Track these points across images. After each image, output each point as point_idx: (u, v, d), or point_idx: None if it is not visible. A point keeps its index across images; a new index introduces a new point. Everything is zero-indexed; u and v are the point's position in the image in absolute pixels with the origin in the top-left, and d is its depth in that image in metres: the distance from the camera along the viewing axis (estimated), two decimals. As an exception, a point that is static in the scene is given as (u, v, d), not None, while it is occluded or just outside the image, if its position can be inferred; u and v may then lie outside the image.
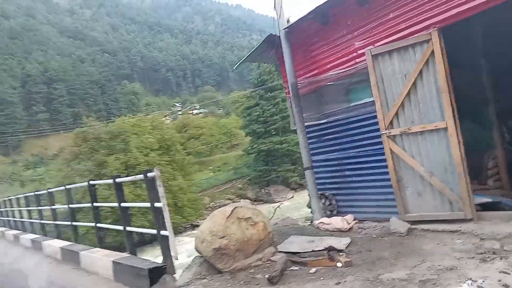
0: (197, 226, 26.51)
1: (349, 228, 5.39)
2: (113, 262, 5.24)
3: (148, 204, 4.83)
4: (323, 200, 6.06)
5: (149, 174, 4.74)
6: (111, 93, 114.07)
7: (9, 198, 15.12)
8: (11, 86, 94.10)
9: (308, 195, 6.09)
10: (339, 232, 5.27)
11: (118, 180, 5.65)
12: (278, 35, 6.05)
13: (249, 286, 3.97)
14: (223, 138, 64.44)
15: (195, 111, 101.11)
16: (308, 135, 6.12)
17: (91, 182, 6.67)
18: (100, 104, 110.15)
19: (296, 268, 4.24)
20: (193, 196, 36.06)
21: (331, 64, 5.77)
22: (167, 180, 29.86)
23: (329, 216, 5.74)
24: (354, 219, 5.61)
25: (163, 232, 4.66)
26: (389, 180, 5.11)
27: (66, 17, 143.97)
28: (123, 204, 5.61)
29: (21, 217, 11.89)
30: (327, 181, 6.15)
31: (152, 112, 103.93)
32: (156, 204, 4.67)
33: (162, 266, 4.64)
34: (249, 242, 4.53)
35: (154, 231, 4.85)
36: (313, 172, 5.90)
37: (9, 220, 13.56)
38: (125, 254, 5.60)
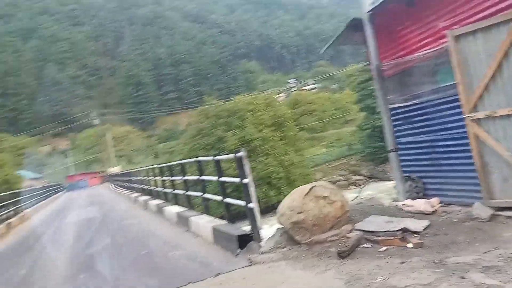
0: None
1: (433, 211, 5.37)
2: (213, 227, 6.15)
3: (238, 179, 5.55)
4: (409, 182, 6.06)
5: (238, 154, 5.40)
6: (231, 72, 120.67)
7: (142, 168, 17.66)
8: (145, 69, 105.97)
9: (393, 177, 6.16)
10: (422, 214, 5.30)
11: (216, 158, 6.50)
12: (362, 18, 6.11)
13: (322, 257, 4.41)
14: (336, 114, 63.58)
15: (308, 87, 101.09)
16: (393, 117, 6.12)
17: (198, 158, 7.69)
18: (221, 83, 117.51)
19: (369, 245, 4.52)
20: (305, 170, 36.72)
21: (416, 46, 5.63)
22: (280, 154, 31.08)
23: (414, 199, 5.77)
24: (440, 202, 5.55)
25: (250, 205, 5.33)
26: (474, 164, 4.96)
27: (189, 2, 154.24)
28: (221, 179, 6.46)
29: (151, 185, 13.95)
30: (414, 163, 6.11)
31: (268, 89, 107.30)
32: (244, 180, 5.34)
33: (250, 234, 5.35)
34: (325, 218, 4.93)
35: (243, 203, 5.56)
36: (398, 155, 5.93)
37: (143, 188, 15.92)
38: (224, 222, 6.48)
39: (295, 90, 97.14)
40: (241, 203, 5.70)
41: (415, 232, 4.64)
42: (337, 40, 6.91)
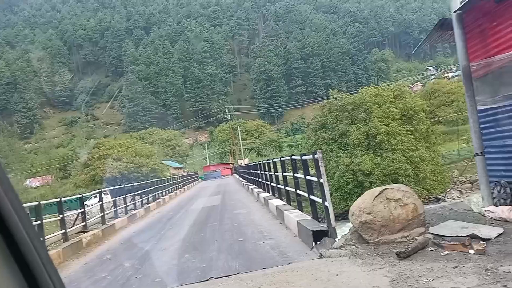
0: (441, 199, 25.39)
1: (518, 220, 4.95)
2: (297, 222, 6.63)
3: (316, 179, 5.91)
4: (498, 188, 5.56)
5: (315, 156, 5.76)
6: (361, 62, 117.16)
7: (257, 162, 18.88)
8: (276, 64, 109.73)
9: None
10: (504, 222, 4.92)
11: (304, 157, 6.93)
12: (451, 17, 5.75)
13: (383, 257, 4.55)
14: (479, 105, 56.60)
15: (450, 75, 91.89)
16: (481, 120, 5.64)
17: (292, 156, 8.20)
18: (350, 74, 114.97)
19: (433, 249, 4.49)
20: (438, 168, 33.92)
21: (508, 44, 5.11)
22: (408, 150, 29.42)
23: (502, 205, 5.32)
24: (531, 212, 5.04)
25: (325, 203, 5.66)
26: None
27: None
28: (307, 177, 6.88)
29: (262, 178, 14.96)
30: (504, 168, 5.56)
31: (402, 78, 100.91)
32: (320, 180, 5.68)
33: (325, 230, 5.67)
34: (395, 220, 4.99)
35: (320, 200, 5.90)
36: (485, 159, 5.46)
37: (257, 180, 17.09)
38: (309, 217, 6.89)
39: (434, 79, 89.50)
40: (318, 199, 6.04)
41: (485, 239, 4.43)
42: (428, 39, 6.61)
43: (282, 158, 10.11)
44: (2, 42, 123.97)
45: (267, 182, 13.15)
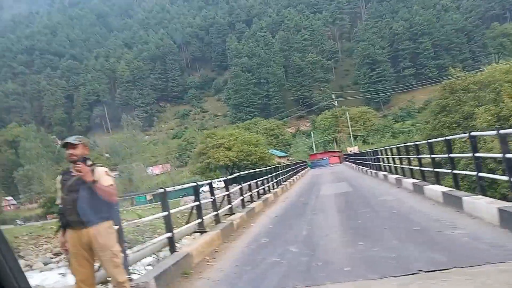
0: None
1: None
2: (499, 209, 5.51)
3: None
4: None
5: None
6: (478, 39, 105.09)
7: (387, 147, 17.57)
8: (380, 47, 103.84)
9: None
10: None
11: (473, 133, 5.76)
12: None
13: None
14: None
15: None
16: None
17: (472, 133, 6.99)
18: (466, 53, 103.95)
19: None
20: None
21: None
22: None
23: None
24: None
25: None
26: None
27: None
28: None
29: (396, 164, 13.74)
30: None
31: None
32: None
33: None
34: None
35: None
36: None
37: (389, 166, 15.85)
38: (508, 203, 5.73)
39: None
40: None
41: None
42: None
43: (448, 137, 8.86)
44: (121, 44, 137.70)
45: (411, 167, 11.93)
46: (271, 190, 16.31)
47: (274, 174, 18.32)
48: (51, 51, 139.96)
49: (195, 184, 8.20)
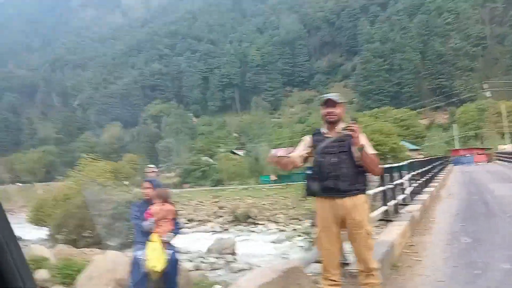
0: None
1: None
2: None
3: None
4: None
5: None
6: None
7: None
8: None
9: None
10: None
11: None
12: None
13: None
14: None
15: None
16: None
17: None
18: None
19: None
20: None
21: None
22: None
23: None
24: None
25: None
26: None
27: None
28: None
29: None
30: None
31: None
32: None
33: None
34: None
35: None
36: None
37: None
38: None
39: None
40: None
41: None
42: None
43: None
44: (254, 29, 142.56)
45: None
46: (430, 185, 14.73)
47: (429, 167, 16.56)
48: (191, 35, 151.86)
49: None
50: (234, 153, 74.77)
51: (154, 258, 4.03)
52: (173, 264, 4.26)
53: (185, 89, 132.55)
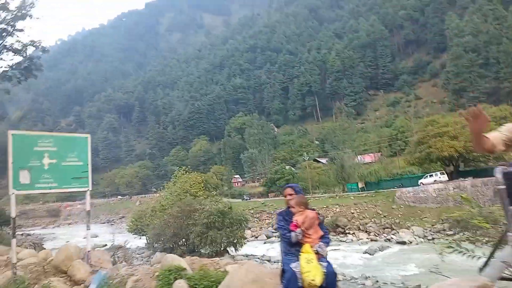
0: None
1: None
2: None
3: None
4: None
5: None
6: None
7: None
8: None
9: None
10: None
11: None
12: None
13: None
14: None
15: None
16: None
17: None
18: None
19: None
20: None
21: None
22: None
23: None
24: None
25: None
26: None
27: None
28: None
29: None
30: None
31: None
32: None
33: None
34: None
35: None
36: None
37: None
38: None
39: None
40: None
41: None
42: None
43: None
44: (332, 35, 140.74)
45: None
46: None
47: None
48: (270, 47, 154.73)
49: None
50: (317, 161, 73.97)
51: (311, 270, 3.74)
52: (331, 277, 3.89)
53: (266, 101, 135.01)
